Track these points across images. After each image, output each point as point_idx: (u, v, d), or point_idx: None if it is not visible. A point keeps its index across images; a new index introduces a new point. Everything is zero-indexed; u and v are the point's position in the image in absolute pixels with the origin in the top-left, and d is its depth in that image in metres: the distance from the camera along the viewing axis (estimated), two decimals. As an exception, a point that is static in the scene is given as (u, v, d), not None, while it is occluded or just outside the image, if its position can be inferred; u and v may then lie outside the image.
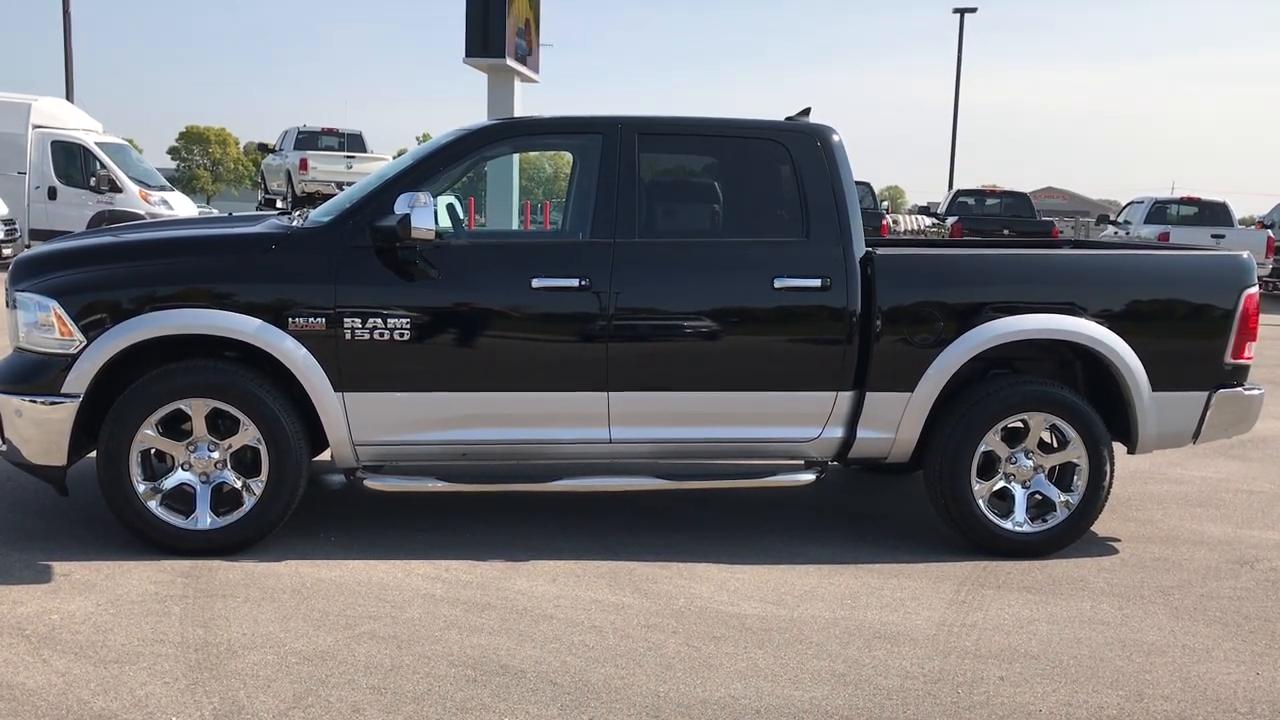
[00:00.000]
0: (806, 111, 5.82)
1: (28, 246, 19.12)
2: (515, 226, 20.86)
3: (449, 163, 5.39)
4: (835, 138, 5.51)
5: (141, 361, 5.10)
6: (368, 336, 5.04)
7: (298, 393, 5.10)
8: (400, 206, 4.96)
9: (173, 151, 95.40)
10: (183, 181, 78.26)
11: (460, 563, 5.10)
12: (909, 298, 5.34)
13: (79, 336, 4.94)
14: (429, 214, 4.92)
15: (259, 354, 5.06)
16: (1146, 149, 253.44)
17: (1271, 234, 22.18)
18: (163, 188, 21.38)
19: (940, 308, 5.34)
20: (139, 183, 20.26)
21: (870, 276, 5.31)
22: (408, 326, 5.06)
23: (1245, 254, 5.69)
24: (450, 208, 5.88)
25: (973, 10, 40.09)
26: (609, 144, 5.36)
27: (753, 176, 5.56)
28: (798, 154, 5.42)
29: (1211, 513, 6.43)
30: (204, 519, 5.07)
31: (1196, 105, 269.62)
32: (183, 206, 21.04)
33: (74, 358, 4.94)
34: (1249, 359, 5.59)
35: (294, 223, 5.50)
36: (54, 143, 19.77)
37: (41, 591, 4.59)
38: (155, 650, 4.04)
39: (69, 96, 27.14)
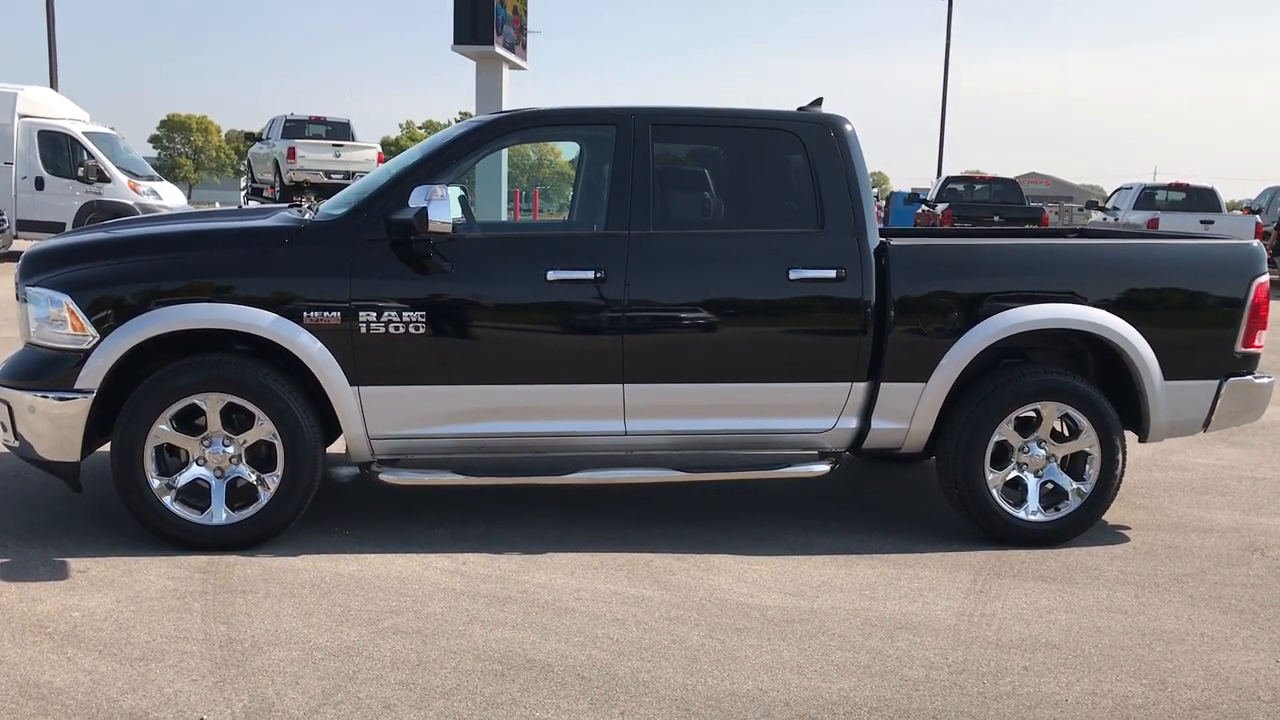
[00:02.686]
0: (819, 101, 5.81)
1: (16, 237, 18.99)
2: (505, 216, 20.81)
3: (463, 155, 5.36)
4: (848, 128, 5.50)
5: (155, 356, 5.07)
6: (383, 330, 5.01)
7: (312, 387, 5.08)
8: (416, 199, 4.93)
9: (154, 140, 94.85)
10: (165, 170, 77.63)
11: (478, 556, 5.09)
12: (923, 288, 5.35)
13: (92, 331, 4.90)
14: (446, 207, 4.90)
15: (273, 348, 5.03)
16: (1129, 134, 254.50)
17: (1260, 219, 22.28)
18: (151, 177, 21.21)
19: (954, 298, 5.35)
20: (127, 172, 20.09)
21: (885, 267, 5.31)
22: (423, 320, 5.04)
23: (1256, 242, 5.72)
24: (462, 199, 5.86)
25: (960, -4, 40.12)
26: (622, 135, 5.34)
27: (766, 167, 5.55)
28: (811, 144, 5.41)
29: (1218, 500, 6.47)
30: (219, 514, 5.04)
31: (1178, 90, 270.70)
32: (171, 197, 20.87)
33: (87, 353, 4.90)
34: (1259, 347, 5.62)
35: (305, 215, 5.46)
36: (41, 132, 19.57)
37: (60, 588, 4.56)
38: (180, 647, 4.02)
39: (53, 85, 26.91)
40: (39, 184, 19.49)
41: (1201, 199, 23.24)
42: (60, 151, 19.68)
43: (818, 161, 5.39)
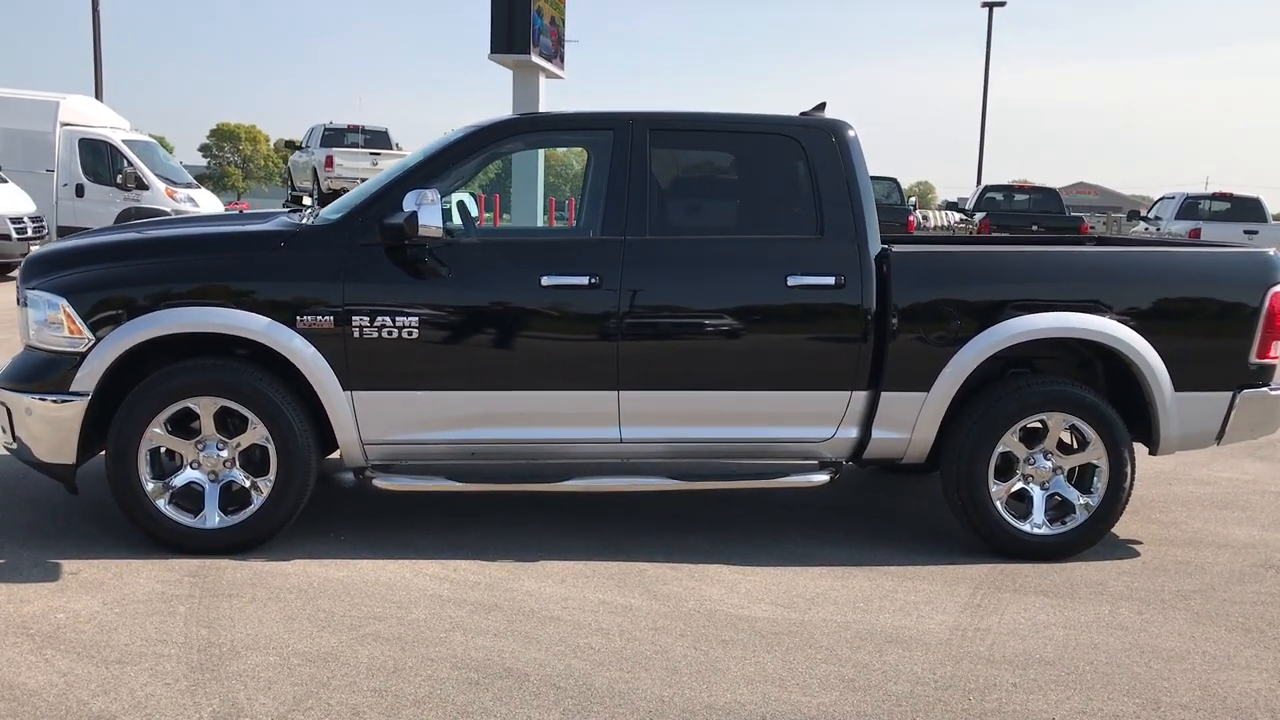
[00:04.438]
0: (821, 106, 5.73)
1: (56, 243, 19.26)
2: (540, 223, 20.84)
3: (459, 159, 5.34)
4: (850, 133, 5.42)
5: (151, 359, 5.09)
6: (376, 335, 5.00)
7: (307, 391, 5.07)
8: (408, 204, 4.92)
9: (204, 149, 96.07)
10: (214, 178, 78.81)
11: (469, 563, 5.06)
12: (925, 295, 5.25)
13: (88, 334, 4.93)
14: (436, 211, 4.88)
15: (267, 352, 5.03)
16: (1180, 144, 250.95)
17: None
18: (189, 185, 21.48)
19: (957, 306, 5.24)
20: (165, 180, 20.37)
21: (886, 274, 5.22)
22: (416, 325, 5.02)
23: (1272, 251, 5.55)
24: (461, 205, 5.84)
25: (1001, 3, 39.82)
26: (620, 140, 5.29)
27: (766, 173, 5.48)
28: (812, 150, 5.34)
29: (1236, 515, 6.30)
30: (212, 518, 5.05)
31: (1230, 99, 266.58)
32: (208, 204, 21.13)
33: (83, 356, 4.92)
34: (1275, 358, 5.46)
35: (303, 220, 5.47)
36: (81, 140, 19.89)
37: (49, 590, 4.58)
38: (158, 651, 4.02)
39: (98, 95, 27.40)
40: (79, 191, 19.81)
41: (1246, 209, 22.80)
42: (100, 159, 20.00)
43: (818, 167, 5.31)
